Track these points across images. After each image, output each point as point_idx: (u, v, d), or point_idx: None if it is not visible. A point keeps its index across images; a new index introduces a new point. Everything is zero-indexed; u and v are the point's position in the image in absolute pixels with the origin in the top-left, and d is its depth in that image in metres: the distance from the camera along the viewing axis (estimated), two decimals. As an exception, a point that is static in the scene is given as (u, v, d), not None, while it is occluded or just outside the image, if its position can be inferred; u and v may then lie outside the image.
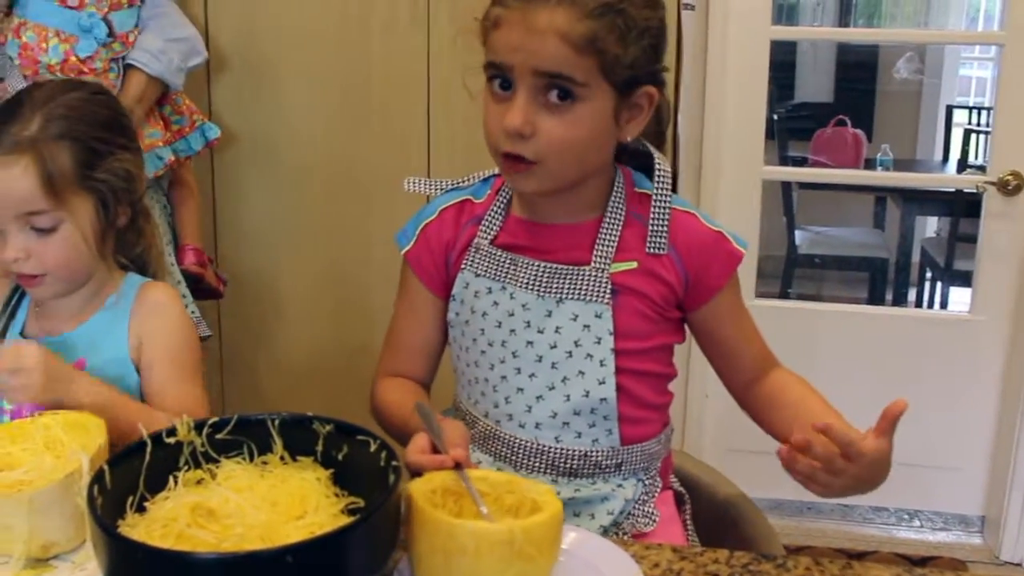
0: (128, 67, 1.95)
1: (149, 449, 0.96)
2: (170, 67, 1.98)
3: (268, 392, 2.42)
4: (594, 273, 1.19)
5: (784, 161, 4.29)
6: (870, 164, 4.19)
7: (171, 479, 0.96)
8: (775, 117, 4.04)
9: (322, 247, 2.37)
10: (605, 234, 1.20)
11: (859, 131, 4.23)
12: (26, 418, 1.10)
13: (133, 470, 0.94)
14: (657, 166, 1.21)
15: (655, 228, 1.19)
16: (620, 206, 1.21)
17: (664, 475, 1.30)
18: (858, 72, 5.20)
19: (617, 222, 1.20)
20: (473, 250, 1.25)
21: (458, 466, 0.98)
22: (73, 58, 1.88)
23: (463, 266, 1.25)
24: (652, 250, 1.19)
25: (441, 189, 1.31)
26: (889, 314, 3.07)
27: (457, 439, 1.05)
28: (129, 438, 1.10)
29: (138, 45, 1.95)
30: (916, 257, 4.22)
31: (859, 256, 4.10)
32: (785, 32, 3.98)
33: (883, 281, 4.05)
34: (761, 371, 1.26)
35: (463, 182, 1.31)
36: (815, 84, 5.29)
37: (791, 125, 4.43)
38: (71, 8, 1.88)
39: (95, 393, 1.18)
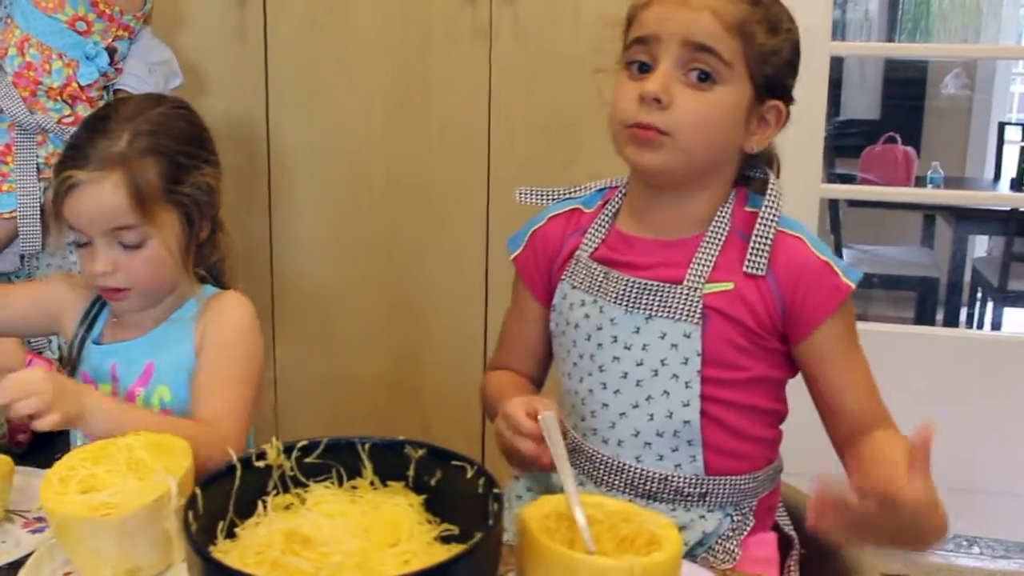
0: (116, 92, 1.96)
1: (239, 473, 0.94)
2: (155, 90, 1.97)
3: (322, 403, 2.40)
4: (686, 292, 1.16)
5: (831, 179, 4.24)
6: (920, 182, 4.13)
7: (260, 504, 0.94)
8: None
9: (378, 260, 2.35)
10: (703, 252, 1.17)
11: (909, 148, 4.17)
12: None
13: (223, 494, 0.92)
14: (771, 186, 1.19)
15: (756, 247, 1.15)
16: (725, 224, 1.18)
17: (763, 514, 1.24)
18: (905, 88, 5.15)
19: (718, 240, 1.18)
20: (573, 262, 1.25)
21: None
22: (74, 84, 1.87)
23: (563, 277, 1.26)
24: (749, 270, 1.15)
25: (552, 198, 1.31)
26: (941, 335, 3.02)
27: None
28: None
29: (125, 70, 1.96)
30: (967, 276, 4.15)
31: (908, 275, 4.04)
32: (844, 48, 3.94)
33: (933, 301, 3.98)
34: (864, 426, 1.15)
35: (576, 191, 1.31)
36: (862, 101, 5.24)
37: (838, 142, 4.38)
38: (78, 33, 1.86)
39: (108, 401, 1.16)
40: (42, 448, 1.76)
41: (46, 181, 1.85)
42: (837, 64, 4.98)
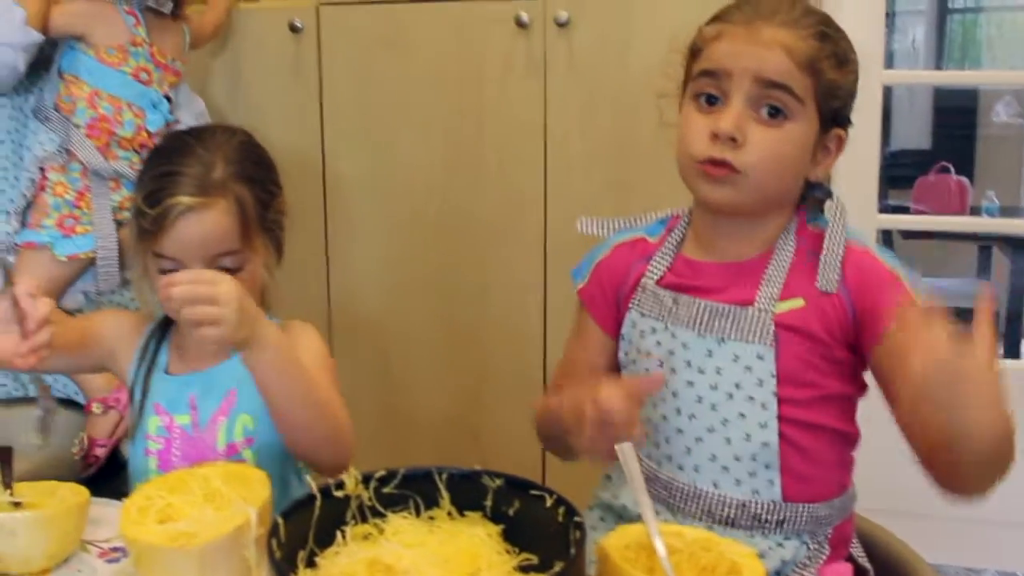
0: None
1: (318, 503, 0.94)
2: None
3: (378, 439, 2.40)
4: (757, 313, 1.16)
5: (884, 210, 4.19)
6: (974, 211, 4.07)
7: (339, 533, 0.94)
8: (874, 164, 3.96)
9: (435, 294, 2.35)
10: (772, 272, 1.18)
11: (962, 178, 4.12)
12: (175, 459, 1.10)
13: (303, 524, 0.93)
14: (834, 202, 1.19)
15: (827, 263, 1.16)
16: (790, 243, 1.19)
17: (838, 544, 1.22)
18: (956, 117, 5.10)
19: (786, 260, 1.18)
20: (640, 290, 1.25)
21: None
22: (144, 132, 1.96)
23: (631, 305, 1.25)
24: (823, 287, 1.15)
25: (614, 229, 1.32)
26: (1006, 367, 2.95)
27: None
28: (299, 412, 1.15)
29: (181, 119, 2.06)
30: (1026, 308, 4.07)
31: (964, 307, 3.97)
32: (897, 76, 3.92)
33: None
34: None
35: (638, 221, 1.31)
36: (912, 131, 5.20)
37: (889, 173, 4.34)
38: (142, 83, 1.95)
39: (281, 339, 1.15)
40: (111, 474, 1.79)
41: (118, 223, 1.94)
42: (886, 94, 4.94)
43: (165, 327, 1.33)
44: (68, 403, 1.97)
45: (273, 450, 1.24)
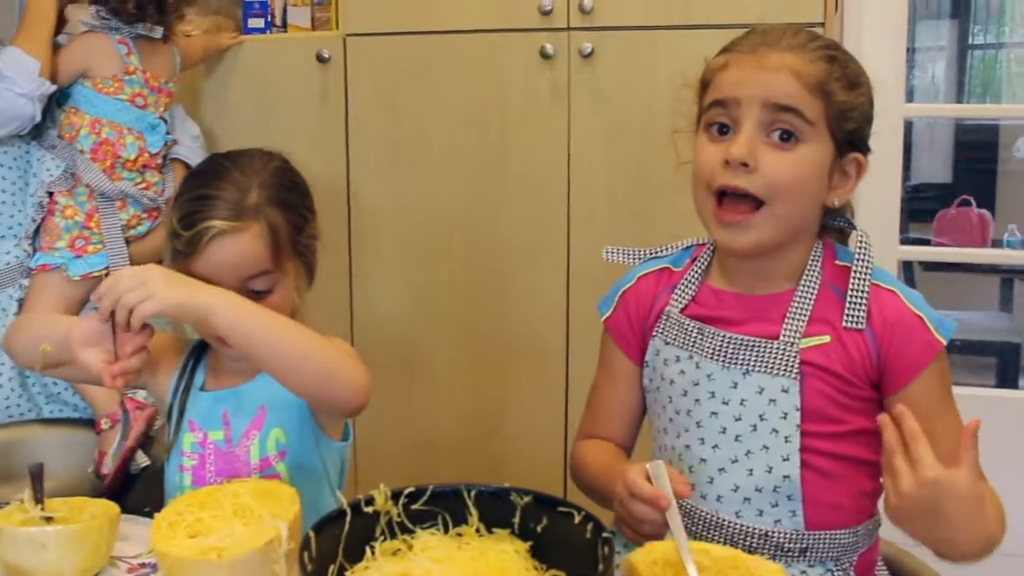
0: (173, 160, 2.13)
1: (348, 518, 0.95)
2: (200, 159, 2.10)
3: (401, 466, 2.40)
4: (783, 347, 1.16)
5: (905, 243, 4.19)
6: (996, 245, 4.06)
7: (368, 549, 0.95)
8: (895, 198, 3.96)
9: (458, 321, 2.36)
10: (798, 306, 1.17)
11: (984, 211, 4.11)
12: (209, 474, 1.11)
13: (333, 538, 0.94)
14: (860, 238, 1.19)
15: (853, 302, 1.15)
16: (815, 277, 1.19)
17: (863, 570, 1.22)
18: (977, 152, 5.08)
19: (811, 294, 1.18)
20: (664, 318, 1.25)
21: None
22: (146, 153, 2.02)
23: (655, 333, 1.26)
24: (849, 325, 1.15)
25: (639, 258, 1.32)
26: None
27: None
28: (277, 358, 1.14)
29: (179, 140, 2.14)
30: (1050, 342, 4.04)
31: (987, 340, 3.95)
32: (918, 110, 3.93)
33: (1014, 367, 3.88)
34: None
35: (663, 251, 1.32)
36: (933, 165, 5.19)
37: (911, 206, 4.33)
38: (138, 107, 2.02)
39: (227, 294, 1.16)
40: (126, 488, 1.80)
41: (126, 240, 2.01)
42: (907, 128, 4.95)
43: (202, 348, 1.35)
44: (81, 422, 1.98)
45: (306, 464, 1.26)
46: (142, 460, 1.88)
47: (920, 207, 4.47)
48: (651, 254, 1.32)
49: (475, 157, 2.30)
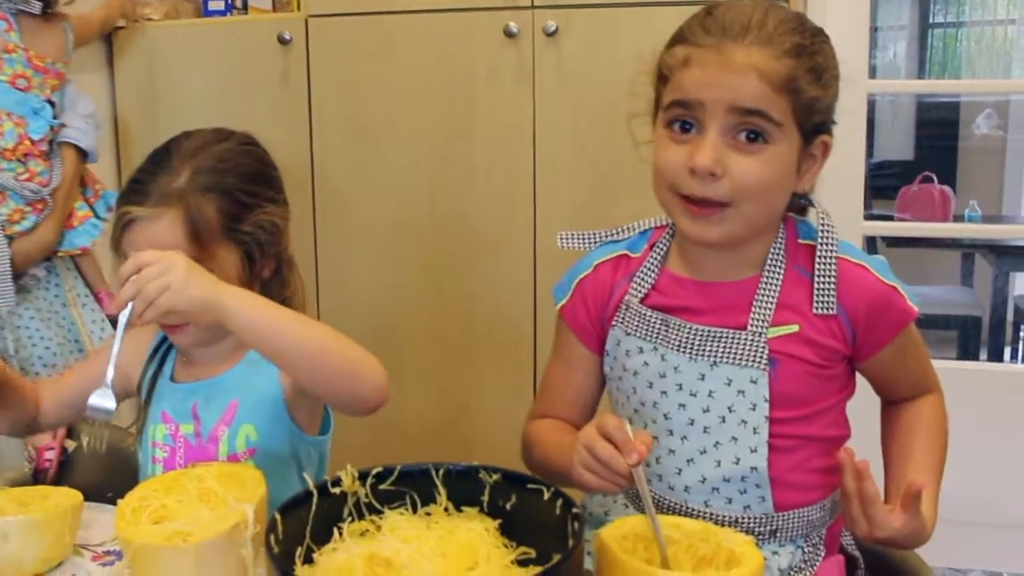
0: (61, 144, 1.98)
1: (315, 500, 0.94)
2: (93, 140, 2.02)
3: (370, 450, 2.39)
4: (750, 337, 1.13)
5: (869, 219, 4.23)
6: (957, 220, 4.11)
7: (336, 530, 0.94)
8: (857, 175, 3.99)
9: (424, 301, 2.36)
10: (763, 294, 1.14)
11: (946, 187, 4.15)
12: (179, 468, 1.09)
13: (300, 520, 0.93)
14: (822, 219, 1.15)
15: (821, 287, 1.13)
16: (780, 261, 1.16)
17: (831, 541, 1.22)
18: (938, 129, 5.13)
19: (776, 280, 1.15)
20: (624, 308, 1.22)
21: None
22: (27, 141, 1.88)
23: (615, 323, 1.22)
24: (820, 311, 1.13)
25: (595, 242, 1.28)
26: (987, 369, 2.98)
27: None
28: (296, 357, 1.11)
29: (66, 123, 1.99)
30: (1010, 315, 4.10)
31: (949, 314, 4.00)
32: (881, 86, 3.96)
33: (975, 340, 3.93)
34: (915, 395, 1.24)
35: (618, 234, 1.28)
36: (895, 142, 5.23)
37: (873, 184, 4.36)
38: (20, 90, 1.88)
39: (246, 293, 1.12)
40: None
41: (8, 238, 1.86)
42: (870, 107, 4.99)
43: None
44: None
45: (276, 461, 1.24)
46: (70, 445, 1.72)
47: (883, 184, 4.51)
48: (607, 237, 1.28)
49: (440, 137, 2.28)
